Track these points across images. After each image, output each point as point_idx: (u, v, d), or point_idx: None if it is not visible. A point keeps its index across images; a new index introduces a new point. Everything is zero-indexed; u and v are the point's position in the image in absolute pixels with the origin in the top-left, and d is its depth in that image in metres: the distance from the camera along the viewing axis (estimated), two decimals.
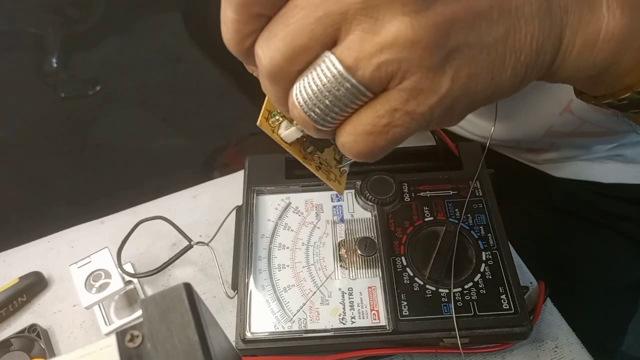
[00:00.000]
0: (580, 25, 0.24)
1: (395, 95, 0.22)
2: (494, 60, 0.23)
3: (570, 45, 0.25)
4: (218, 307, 0.46)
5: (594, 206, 0.60)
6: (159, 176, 1.13)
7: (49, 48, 1.40)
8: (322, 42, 0.22)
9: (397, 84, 0.22)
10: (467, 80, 0.23)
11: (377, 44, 0.21)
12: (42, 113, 1.33)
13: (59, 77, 1.39)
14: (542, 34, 0.23)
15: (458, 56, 0.22)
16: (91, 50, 1.45)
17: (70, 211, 1.14)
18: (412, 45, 0.21)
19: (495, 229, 0.43)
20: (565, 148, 0.58)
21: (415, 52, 0.21)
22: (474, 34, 0.22)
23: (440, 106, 0.23)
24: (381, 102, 0.23)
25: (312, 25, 0.21)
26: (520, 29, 0.23)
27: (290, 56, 0.22)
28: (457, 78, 0.22)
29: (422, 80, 0.22)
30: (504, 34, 0.23)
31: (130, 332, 0.22)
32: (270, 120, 0.30)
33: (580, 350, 0.43)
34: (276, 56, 0.22)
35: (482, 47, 0.22)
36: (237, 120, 1.28)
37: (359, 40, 0.21)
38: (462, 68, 0.22)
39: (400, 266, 0.42)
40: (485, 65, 0.23)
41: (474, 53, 0.22)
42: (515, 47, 0.23)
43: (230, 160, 1.23)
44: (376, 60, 0.21)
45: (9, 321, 0.46)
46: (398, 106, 0.22)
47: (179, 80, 1.39)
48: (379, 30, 0.21)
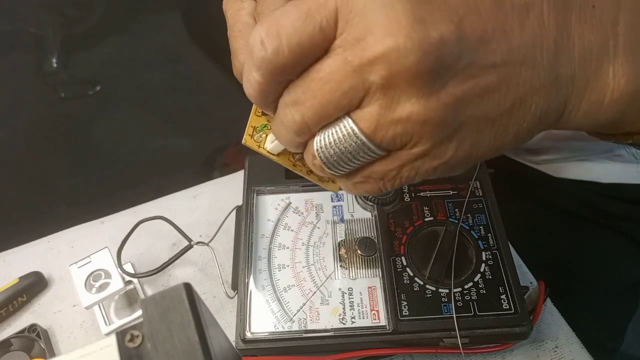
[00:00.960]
0: (585, 93, 0.25)
1: (405, 156, 0.25)
2: (497, 130, 0.25)
3: (575, 109, 0.25)
4: (218, 307, 0.46)
5: (594, 206, 0.60)
6: (159, 176, 1.12)
7: (49, 48, 1.40)
8: (345, 109, 0.24)
9: (408, 148, 0.25)
10: (470, 148, 0.25)
11: (394, 119, 0.23)
12: (42, 113, 1.32)
13: (59, 77, 1.39)
14: (546, 103, 0.25)
15: (464, 130, 0.24)
16: (91, 50, 1.45)
17: (70, 211, 1.14)
18: (424, 123, 0.23)
19: (495, 229, 0.43)
20: (564, 149, 0.58)
21: (426, 128, 0.23)
22: (480, 109, 0.24)
23: (443, 167, 0.25)
24: (393, 159, 0.25)
25: (338, 99, 0.24)
26: (526, 100, 0.24)
27: (317, 122, 0.25)
28: (461, 147, 0.25)
29: (429, 149, 0.24)
30: (510, 107, 0.24)
31: (130, 332, 0.22)
32: (255, 136, 0.31)
33: (580, 350, 0.43)
34: (304, 121, 0.25)
35: (488, 119, 0.24)
36: (237, 120, 1.27)
37: (378, 112, 0.24)
38: (467, 138, 0.24)
39: (400, 266, 0.42)
40: (489, 134, 0.25)
41: (480, 126, 0.24)
42: (519, 117, 0.24)
43: (230, 160, 1.22)
44: (392, 132, 0.24)
45: (9, 321, 0.46)
46: (407, 163, 0.25)
47: (179, 80, 1.39)
48: (395, 107, 0.23)
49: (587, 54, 0.24)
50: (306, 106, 0.24)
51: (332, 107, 0.24)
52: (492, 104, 0.24)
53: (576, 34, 0.24)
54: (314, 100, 0.24)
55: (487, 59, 0.23)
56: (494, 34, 0.23)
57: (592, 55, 0.25)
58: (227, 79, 1.23)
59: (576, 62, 0.24)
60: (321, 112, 0.24)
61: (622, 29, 0.25)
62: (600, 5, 0.24)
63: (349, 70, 0.23)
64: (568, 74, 0.24)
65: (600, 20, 0.24)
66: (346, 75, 0.23)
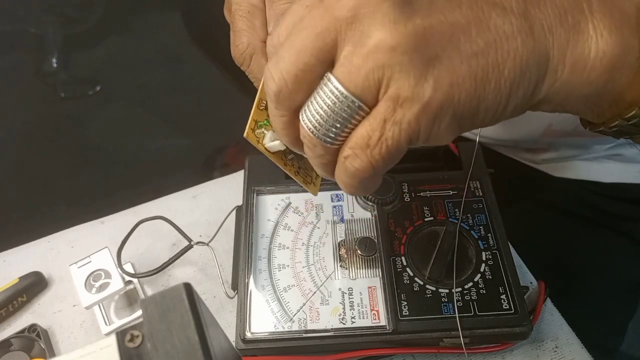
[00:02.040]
0: (568, 46, 0.25)
1: (383, 105, 0.24)
2: (475, 72, 0.24)
3: (561, 64, 0.25)
4: (218, 307, 0.46)
5: (594, 206, 0.60)
6: (159, 176, 1.12)
7: (49, 48, 1.40)
8: (323, 59, 0.24)
9: (384, 93, 0.24)
10: (449, 89, 0.24)
11: (363, 54, 0.23)
12: (42, 113, 1.32)
13: (59, 77, 1.39)
14: (525, 51, 0.24)
15: (438, 65, 0.24)
16: (91, 50, 1.45)
17: (70, 211, 1.14)
18: (391, 50, 0.23)
19: (495, 229, 0.43)
20: (564, 148, 0.58)
21: (395, 57, 0.23)
22: (452, 45, 0.24)
23: (425, 115, 0.24)
24: (373, 114, 0.24)
25: (312, 42, 0.24)
26: (502, 45, 0.24)
27: (296, 75, 0.25)
28: (438, 86, 0.24)
29: (404, 86, 0.23)
30: (483, 48, 0.24)
31: (130, 332, 0.22)
32: (256, 131, 0.32)
33: (580, 350, 0.43)
34: (283, 76, 0.25)
35: (462, 58, 0.24)
36: (237, 120, 1.27)
37: (350, 54, 0.24)
38: (443, 76, 0.24)
39: (400, 266, 0.42)
40: (466, 75, 0.24)
41: (454, 63, 0.24)
42: (497, 61, 0.24)
43: (230, 160, 1.22)
44: (364, 70, 0.24)
45: (9, 321, 0.46)
46: (386, 116, 0.24)
47: (179, 80, 1.39)
48: (365, 41, 0.23)
49: (560, 10, 0.25)
50: (285, 59, 0.25)
51: (308, 54, 0.24)
52: (463, 42, 0.24)
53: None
54: (291, 49, 0.24)
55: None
56: None
57: (567, 12, 0.25)
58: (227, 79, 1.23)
59: (551, 18, 0.25)
60: (298, 62, 0.24)
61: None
62: None
63: (321, 12, 0.24)
64: (545, 28, 0.25)
65: None
66: (319, 18, 0.24)
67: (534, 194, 0.63)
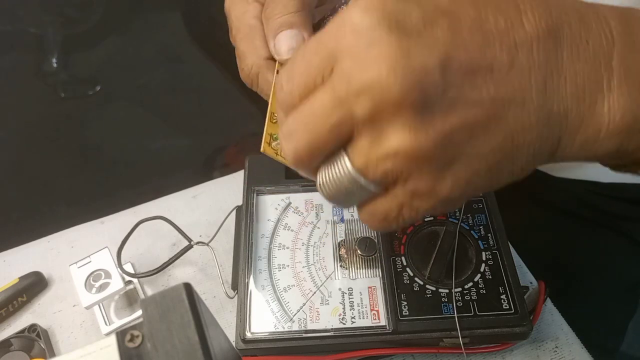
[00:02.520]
0: (581, 127, 0.25)
1: (401, 194, 0.25)
2: (491, 167, 0.25)
3: (570, 144, 0.25)
4: (218, 307, 0.46)
5: (594, 206, 0.60)
6: (159, 176, 1.12)
7: (49, 48, 1.40)
8: (338, 142, 0.25)
9: (402, 184, 0.25)
10: (465, 185, 0.25)
11: (382, 154, 0.24)
12: (42, 113, 1.32)
13: (59, 77, 1.39)
14: (539, 141, 0.25)
15: (456, 165, 0.24)
16: (91, 50, 1.45)
17: (70, 211, 1.14)
18: (412, 158, 0.23)
19: (495, 229, 0.43)
20: None
21: (415, 164, 0.24)
22: (471, 145, 0.24)
23: (441, 205, 0.25)
24: (391, 198, 0.25)
25: (327, 131, 0.24)
26: (518, 138, 0.24)
27: (310, 154, 0.25)
28: (456, 184, 0.24)
29: (422, 184, 0.24)
30: (501, 143, 0.24)
31: (130, 332, 0.22)
32: (273, 143, 0.32)
33: (580, 350, 0.43)
34: (298, 153, 0.25)
35: (479, 156, 0.24)
36: (237, 120, 1.28)
37: (367, 146, 0.24)
38: (460, 176, 0.24)
39: (400, 266, 0.42)
40: (482, 171, 0.25)
41: (472, 161, 0.24)
42: (512, 153, 0.24)
43: (230, 160, 1.22)
44: (382, 167, 0.24)
45: (9, 321, 0.46)
46: (405, 202, 0.25)
47: (179, 80, 1.39)
48: (383, 141, 0.23)
49: (579, 91, 0.24)
50: (298, 138, 0.25)
51: (323, 140, 0.25)
52: (482, 140, 0.24)
53: (568, 71, 0.24)
54: (305, 132, 0.25)
55: (473, 94, 0.23)
56: (480, 70, 0.23)
57: (586, 92, 0.24)
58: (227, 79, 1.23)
59: (568, 99, 0.24)
60: (312, 144, 0.25)
61: (616, 64, 0.24)
62: (594, 41, 0.24)
63: (335, 103, 0.23)
64: (560, 112, 0.24)
65: (594, 56, 0.24)
66: (333, 108, 0.24)
67: (534, 194, 0.63)
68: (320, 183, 0.27)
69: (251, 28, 0.35)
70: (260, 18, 0.35)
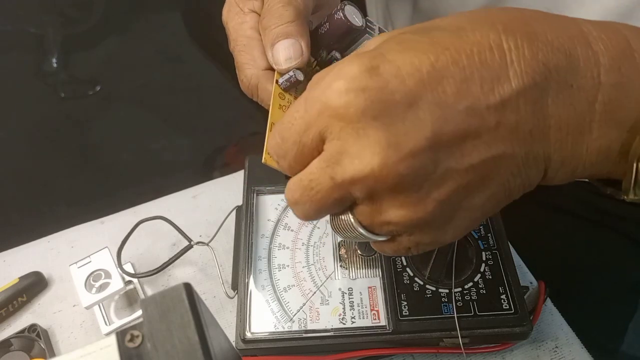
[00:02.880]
0: (562, 167, 0.26)
1: (406, 241, 0.27)
2: (487, 212, 0.27)
3: (551, 178, 0.27)
4: (218, 307, 0.46)
5: (594, 206, 0.60)
6: (159, 176, 1.13)
7: (49, 48, 1.40)
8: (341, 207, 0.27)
9: (407, 236, 0.27)
10: (464, 229, 0.27)
11: (384, 221, 0.26)
12: (42, 113, 1.33)
13: (59, 77, 1.39)
14: (527, 181, 0.26)
15: (456, 218, 0.26)
16: (91, 50, 1.45)
17: (70, 211, 1.14)
18: (412, 226, 0.26)
19: (495, 229, 0.43)
20: None
21: (415, 228, 0.26)
22: (467, 201, 0.25)
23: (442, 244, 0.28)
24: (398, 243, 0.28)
25: (330, 205, 0.26)
26: (509, 185, 0.26)
27: (317, 215, 0.28)
28: (456, 231, 0.27)
29: (426, 239, 0.27)
30: (494, 193, 0.26)
31: (130, 332, 0.22)
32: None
33: (580, 350, 0.43)
34: (307, 215, 0.28)
35: (476, 207, 0.26)
36: (237, 120, 1.28)
37: (369, 213, 0.26)
38: (460, 225, 0.27)
39: (400, 266, 0.42)
40: (479, 216, 0.27)
41: (470, 213, 0.26)
42: (505, 196, 0.26)
43: (230, 160, 1.22)
44: (385, 229, 0.27)
45: (9, 321, 0.46)
46: (412, 246, 0.28)
47: (179, 80, 1.39)
48: (383, 212, 0.25)
49: (562, 136, 0.25)
50: (305, 207, 0.27)
51: (327, 210, 0.27)
52: (477, 195, 0.25)
53: (552, 118, 0.24)
54: (310, 202, 0.27)
55: (463, 161, 0.24)
56: (469, 137, 0.24)
57: (568, 136, 0.25)
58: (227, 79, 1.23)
59: (552, 145, 0.25)
60: (318, 213, 0.27)
61: (599, 106, 0.25)
62: (579, 84, 0.24)
63: (333, 186, 0.25)
64: (544, 155, 0.25)
65: (578, 100, 0.24)
66: (332, 189, 0.25)
67: (534, 194, 0.62)
68: (332, 225, 0.29)
69: (249, 39, 0.35)
70: (257, 28, 0.35)
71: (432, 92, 0.23)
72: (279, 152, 0.28)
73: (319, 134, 0.25)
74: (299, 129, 0.26)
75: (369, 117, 0.23)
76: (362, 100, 0.23)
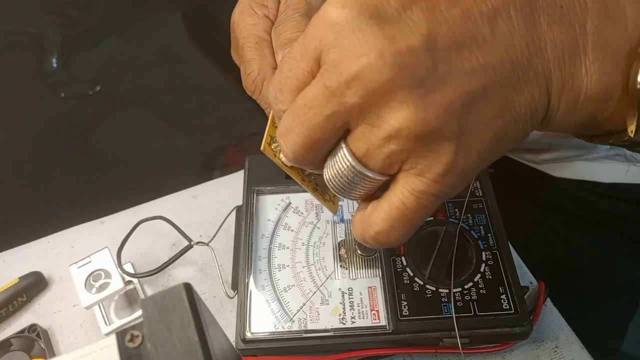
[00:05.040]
0: (563, 91, 0.26)
1: (415, 179, 0.24)
2: (497, 134, 0.25)
3: (555, 108, 0.26)
4: (218, 307, 0.46)
5: (594, 206, 0.60)
6: (159, 176, 1.13)
7: (49, 48, 1.40)
8: (336, 134, 0.25)
9: (411, 168, 0.24)
10: (478, 156, 0.25)
11: (383, 137, 0.24)
12: (42, 113, 1.33)
13: (59, 77, 1.39)
14: (533, 101, 0.25)
15: (464, 137, 0.24)
16: (91, 50, 1.45)
17: (70, 211, 1.14)
18: (416, 137, 0.23)
19: (495, 229, 0.43)
20: (564, 148, 0.58)
21: (420, 142, 0.23)
22: (472, 115, 0.24)
23: (458, 181, 0.25)
24: (404, 185, 0.25)
25: (322, 123, 0.24)
26: (514, 101, 0.25)
27: (309, 148, 0.25)
28: (469, 157, 0.24)
29: (436, 164, 0.24)
30: (500, 109, 0.24)
31: (130, 332, 0.22)
32: (273, 145, 0.32)
33: (580, 350, 0.43)
34: (296, 148, 0.26)
35: (484, 124, 0.24)
36: (237, 120, 1.28)
37: (366, 132, 0.24)
38: (471, 147, 0.24)
39: (400, 266, 0.42)
40: (490, 139, 0.25)
41: (478, 131, 0.24)
42: (512, 117, 0.25)
43: (230, 160, 1.23)
44: (385, 150, 0.24)
45: (9, 321, 0.46)
46: (422, 189, 0.25)
47: (179, 80, 1.39)
48: (382, 124, 0.23)
49: (559, 54, 0.25)
50: (296, 133, 0.25)
51: (319, 133, 0.25)
52: (482, 108, 0.24)
53: (547, 35, 0.25)
54: (300, 127, 0.25)
55: (464, 65, 0.24)
56: (465, 42, 0.24)
57: (565, 55, 0.25)
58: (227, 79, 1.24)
59: (550, 62, 0.25)
60: (309, 139, 0.25)
61: (590, 29, 0.25)
62: (568, 6, 0.25)
63: (328, 95, 0.24)
64: (545, 73, 0.25)
65: (569, 21, 0.25)
66: (327, 100, 0.24)
67: (534, 194, 0.63)
68: (326, 178, 0.27)
69: (260, 39, 0.36)
70: (269, 32, 0.36)
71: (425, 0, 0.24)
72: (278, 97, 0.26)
73: (315, 57, 0.25)
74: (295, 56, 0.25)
75: (365, 17, 0.23)
76: (357, 5, 0.23)
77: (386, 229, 0.26)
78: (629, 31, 0.25)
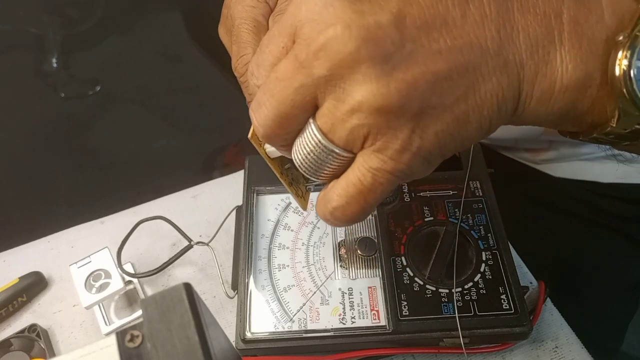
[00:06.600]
0: (537, 79, 0.25)
1: (373, 157, 0.25)
2: (458, 117, 0.25)
3: (529, 97, 0.26)
4: (218, 307, 0.46)
5: (594, 206, 0.60)
6: (159, 176, 1.13)
7: (49, 48, 1.40)
8: (304, 109, 0.25)
9: (371, 145, 0.25)
10: (435, 138, 0.25)
11: (346, 111, 0.24)
12: (42, 113, 1.33)
13: (59, 77, 1.39)
14: (501, 90, 0.25)
15: (424, 117, 0.24)
16: (91, 50, 1.45)
17: (70, 211, 1.14)
18: (377, 111, 0.24)
19: (495, 229, 0.43)
20: (564, 147, 0.58)
21: (381, 117, 0.24)
22: (436, 95, 0.24)
23: (415, 162, 0.25)
24: (362, 164, 0.25)
25: (291, 96, 0.25)
26: (479, 87, 0.25)
27: (279, 122, 0.26)
28: (426, 136, 0.25)
29: (393, 140, 0.24)
30: (464, 93, 0.24)
31: (130, 332, 0.22)
32: None
33: (580, 350, 0.43)
34: (267, 122, 0.26)
35: (445, 106, 0.24)
36: (237, 120, 1.28)
37: (332, 107, 0.24)
38: (429, 127, 0.24)
39: (400, 266, 0.42)
40: (450, 122, 0.25)
41: (438, 112, 0.24)
42: (477, 103, 0.25)
43: (230, 160, 1.23)
44: (348, 125, 0.24)
45: (9, 321, 0.46)
46: (378, 165, 0.25)
47: (179, 80, 1.39)
48: (346, 97, 0.24)
49: (532, 43, 0.25)
50: (266, 106, 0.25)
51: (289, 106, 0.25)
52: (446, 89, 0.24)
53: (520, 23, 0.25)
54: (272, 99, 0.25)
55: (431, 46, 0.24)
56: (435, 23, 0.24)
57: (539, 44, 0.25)
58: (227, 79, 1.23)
59: (523, 51, 0.25)
60: (279, 112, 0.25)
61: (566, 18, 0.25)
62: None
63: (297, 66, 0.24)
64: (517, 61, 0.25)
65: (544, 10, 0.25)
66: (295, 71, 0.24)
67: (534, 194, 0.63)
68: (295, 158, 0.27)
69: (258, 23, 0.35)
70: (267, 18, 0.36)
71: None
72: (254, 73, 0.27)
73: (290, 32, 0.25)
74: (274, 33, 0.26)
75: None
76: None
77: (342, 204, 0.26)
78: (606, 19, 0.25)
